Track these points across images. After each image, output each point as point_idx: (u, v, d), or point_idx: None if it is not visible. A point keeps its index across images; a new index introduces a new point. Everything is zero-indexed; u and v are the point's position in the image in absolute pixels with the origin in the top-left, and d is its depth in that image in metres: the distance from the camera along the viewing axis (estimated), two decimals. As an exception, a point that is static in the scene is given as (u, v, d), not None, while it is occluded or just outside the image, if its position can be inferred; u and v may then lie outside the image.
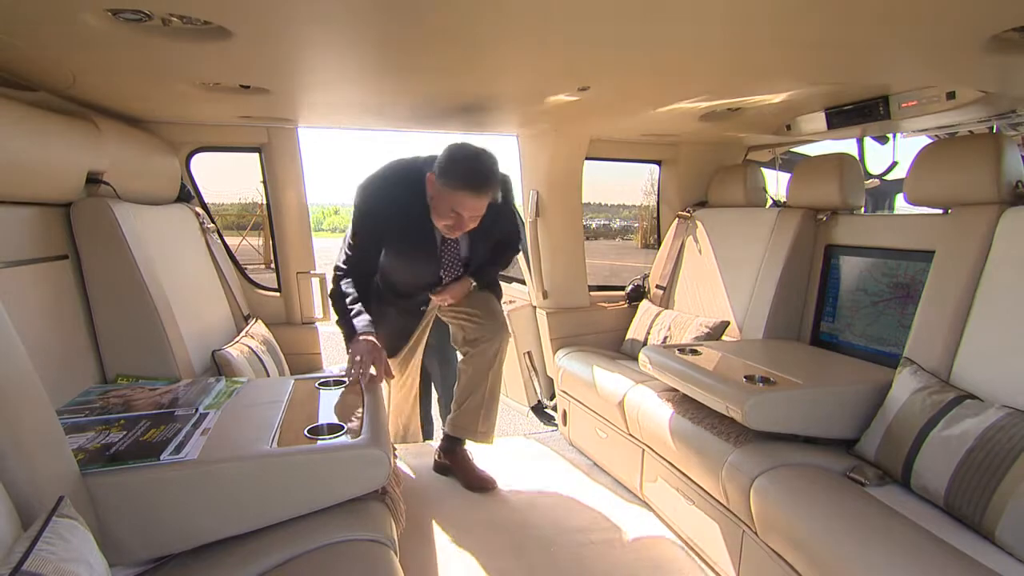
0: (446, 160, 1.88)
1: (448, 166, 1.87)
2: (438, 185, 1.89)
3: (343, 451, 1.22)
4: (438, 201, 1.92)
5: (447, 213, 1.91)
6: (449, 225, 1.94)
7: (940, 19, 1.13)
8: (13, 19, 1.12)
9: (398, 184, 2.00)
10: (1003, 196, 1.63)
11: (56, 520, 0.76)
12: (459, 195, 1.86)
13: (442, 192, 1.88)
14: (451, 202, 1.88)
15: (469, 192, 1.85)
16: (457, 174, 1.85)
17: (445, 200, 1.88)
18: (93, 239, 1.62)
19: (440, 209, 1.92)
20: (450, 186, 1.85)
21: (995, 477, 1.25)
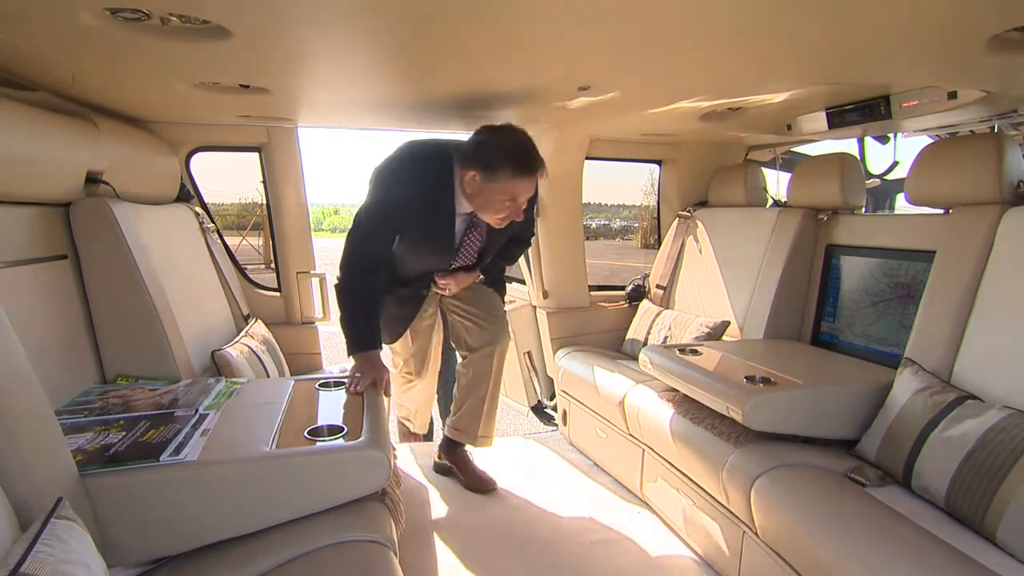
0: (489, 151, 1.77)
1: (495, 156, 1.75)
2: (482, 180, 1.77)
3: (343, 453, 1.22)
4: (486, 196, 1.79)
5: (501, 205, 1.80)
6: (504, 216, 1.84)
7: (941, 19, 1.13)
8: (13, 19, 1.12)
9: (423, 169, 1.85)
10: (1004, 196, 1.62)
11: (55, 521, 0.75)
12: (515, 182, 1.76)
13: (490, 185, 1.77)
14: (505, 191, 1.77)
15: (526, 175, 1.76)
16: (510, 161, 1.75)
17: (496, 192, 1.77)
18: (93, 239, 1.62)
19: (491, 203, 1.80)
20: (503, 176, 1.75)
21: (996, 478, 1.25)
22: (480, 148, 1.80)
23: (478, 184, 1.79)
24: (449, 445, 2.35)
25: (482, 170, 1.77)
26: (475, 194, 1.82)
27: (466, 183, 1.81)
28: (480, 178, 1.78)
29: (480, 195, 1.81)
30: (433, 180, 1.84)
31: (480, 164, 1.77)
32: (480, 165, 1.77)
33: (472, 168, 1.78)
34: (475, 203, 1.85)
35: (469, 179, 1.80)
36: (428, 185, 1.84)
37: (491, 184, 1.77)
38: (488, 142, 1.80)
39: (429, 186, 1.84)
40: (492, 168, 1.76)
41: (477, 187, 1.80)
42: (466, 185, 1.82)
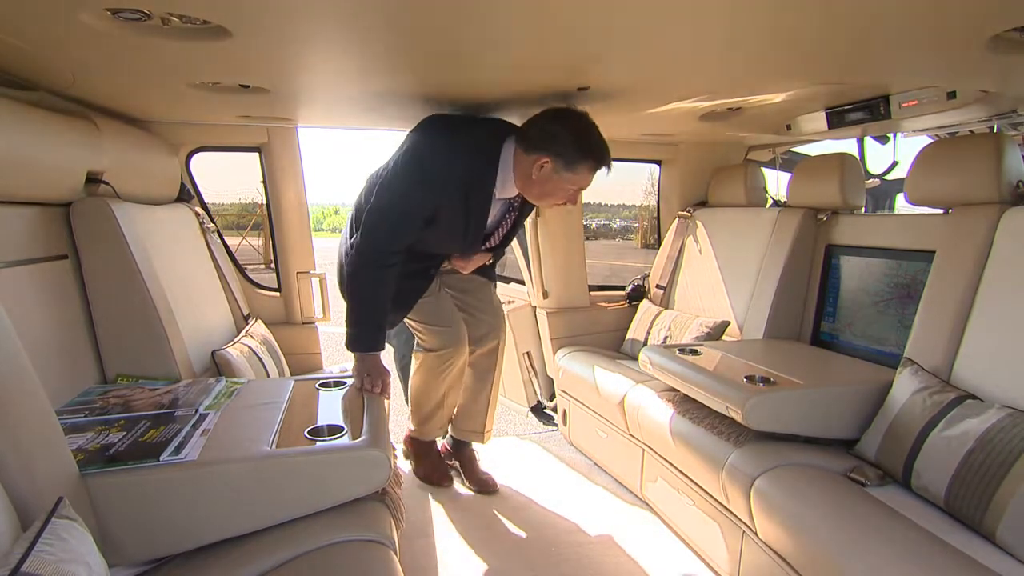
0: (570, 140, 1.69)
1: (577, 146, 1.69)
2: (557, 168, 1.70)
3: (343, 452, 1.22)
4: (556, 184, 1.73)
5: (566, 193, 1.77)
6: (559, 203, 1.82)
7: (941, 19, 1.13)
8: (13, 19, 1.12)
9: (472, 151, 1.74)
10: (1004, 196, 1.63)
11: (55, 521, 0.76)
12: (591, 174, 1.74)
13: (565, 175, 1.71)
14: (579, 182, 1.74)
15: (600, 167, 1.73)
16: (592, 154, 1.71)
17: (569, 181, 1.73)
18: (93, 239, 1.62)
19: (559, 191, 1.76)
20: (583, 168, 1.71)
21: (996, 478, 1.25)
22: (558, 136, 1.70)
23: (549, 171, 1.71)
24: (457, 446, 2.35)
25: (558, 158, 1.70)
26: (541, 181, 1.73)
27: (534, 169, 1.72)
28: (554, 166, 1.70)
29: (548, 182, 1.74)
30: (480, 163, 1.74)
31: (557, 152, 1.69)
32: (556, 153, 1.69)
33: (545, 155, 1.70)
34: (537, 189, 1.76)
35: (539, 165, 1.71)
36: (474, 169, 1.73)
37: (566, 173, 1.71)
38: (567, 131, 1.70)
39: (475, 170, 1.73)
40: (572, 159, 1.70)
41: (547, 175, 1.72)
42: (533, 171, 1.72)
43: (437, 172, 1.70)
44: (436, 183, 1.70)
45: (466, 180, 1.73)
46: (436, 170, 1.70)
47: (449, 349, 2.08)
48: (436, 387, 2.16)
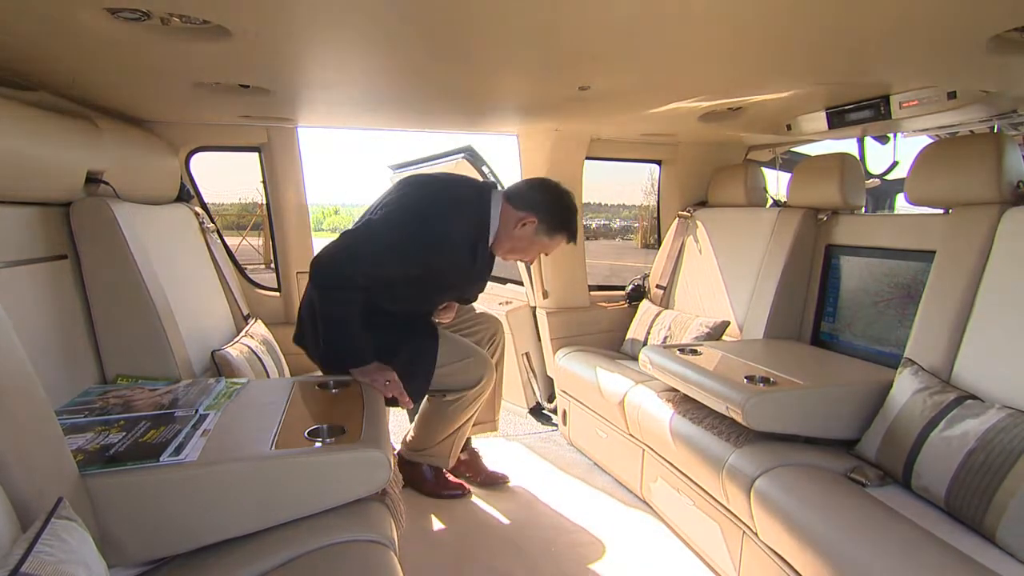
0: (558, 211, 1.86)
1: (559, 217, 1.86)
2: (539, 232, 1.85)
3: (343, 453, 1.22)
4: (531, 243, 1.88)
5: (535, 253, 1.93)
6: (526, 260, 1.97)
7: (941, 19, 1.13)
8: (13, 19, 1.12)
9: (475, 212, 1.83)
10: (1004, 196, 1.63)
11: (55, 521, 0.75)
12: (559, 243, 1.91)
13: (542, 239, 1.87)
14: (546, 247, 1.91)
15: (570, 241, 1.91)
16: (567, 225, 1.88)
17: (544, 245, 1.89)
18: (93, 239, 1.62)
19: (531, 249, 1.91)
20: (559, 237, 1.88)
21: (996, 478, 1.25)
22: (547, 204, 1.86)
23: (531, 231, 1.85)
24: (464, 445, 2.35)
25: (543, 223, 1.85)
26: (519, 236, 1.87)
27: (517, 227, 1.85)
28: (537, 228, 1.85)
29: (524, 240, 1.87)
30: (482, 218, 1.84)
31: (544, 218, 1.84)
32: (542, 219, 1.84)
33: (532, 217, 1.84)
34: (510, 243, 1.88)
35: (523, 223, 1.85)
36: (479, 225, 1.84)
37: (544, 238, 1.87)
38: (555, 202, 1.87)
39: (479, 226, 1.84)
40: (554, 227, 1.86)
41: (528, 233, 1.86)
42: (516, 227, 1.85)
43: (449, 234, 1.77)
44: (446, 245, 1.77)
45: (473, 236, 1.83)
46: (448, 232, 1.77)
47: (483, 374, 2.08)
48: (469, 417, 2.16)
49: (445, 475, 2.26)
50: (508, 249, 1.91)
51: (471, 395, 2.07)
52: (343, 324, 1.73)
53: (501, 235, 1.87)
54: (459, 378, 2.03)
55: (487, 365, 2.09)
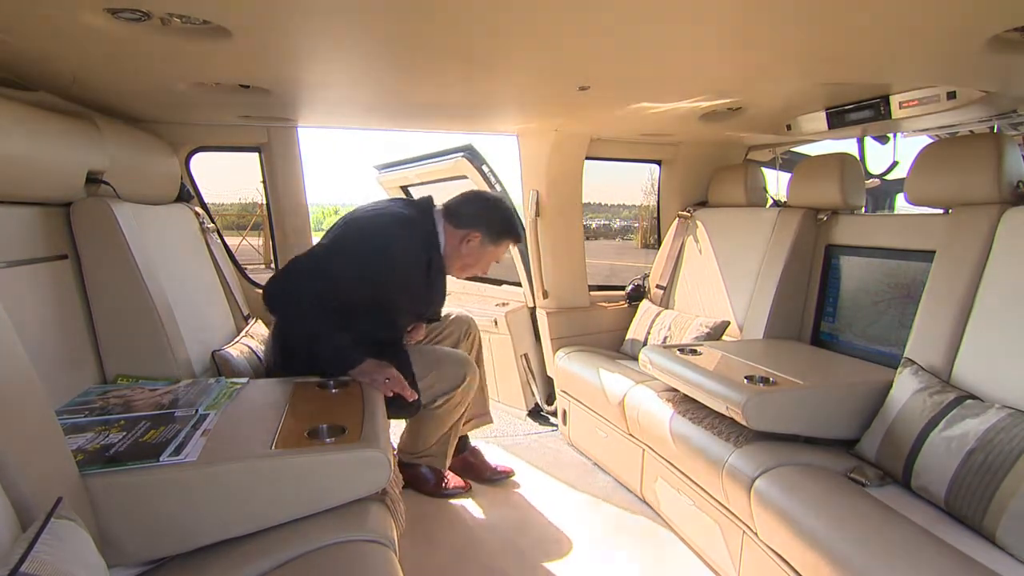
0: (496, 218, 1.93)
1: (498, 224, 1.93)
2: (484, 242, 1.92)
3: (343, 453, 1.22)
4: (480, 255, 1.95)
5: (486, 263, 1.98)
6: (478, 272, 2.01)
7: (940, 19, 1.13)
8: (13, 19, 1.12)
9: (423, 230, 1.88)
10: (1004, 196, 1.63)
11: (55, 521, 0.75)
12: (506, 247, 1.99)
13: (489, 248, 1.94)
14: (498, 254, 1.98)
15: (518, 243, 2.02)
16: (509, 229, 1.95)
17: (492, 254, 1.97)
18: (93, 239, 1.62)
19: (481, 261, 1.97)
20: (505, 241, 1.96)
21: (996, 478, 1.25)
22: (485, 215, 1.93)
23: (477, 244, 1.93)
24: (461, 444, 2.36)
25: (487, 234, 1.92)
26: (468, 253, 1.94)
27: (463, 244, 1.92)
28: (482, 241, 1.93)
29: (474, 254, 1.95)
30: (430, 234, 1.89)
31: (486, 229, 1.92)
32: (485, 230, 1.92)
33: (476, 231, 1.91)
34: (461, 261, 1.95)
35: (467, 241, 1.92)
36: (427, 241, 1.89)
37: (491, 247, 1.95)
38: (492, 210, 1.95)
39: (428, 242, 1.89)
40: (497, 235, 1.94)
41: (474, 247, 1.93)
42: (462, 245, 1.92)
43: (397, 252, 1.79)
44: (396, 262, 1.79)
45: (425, 257, 1.88)
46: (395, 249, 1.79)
47: (464, 372, 2.08)
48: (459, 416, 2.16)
49: (445, 474, 2.26)
50: (460, 267, 1.98)
51: (457, 396, 2.07)
52: (316, 336, 1.72)
53: (449, 254, 1.94)
54: (440, 385, 2.04)
55: (465, 363, 2.09)
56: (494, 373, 3.23)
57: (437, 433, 2.14)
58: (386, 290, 1.82)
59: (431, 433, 2.14)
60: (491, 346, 3.17)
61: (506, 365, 3.15)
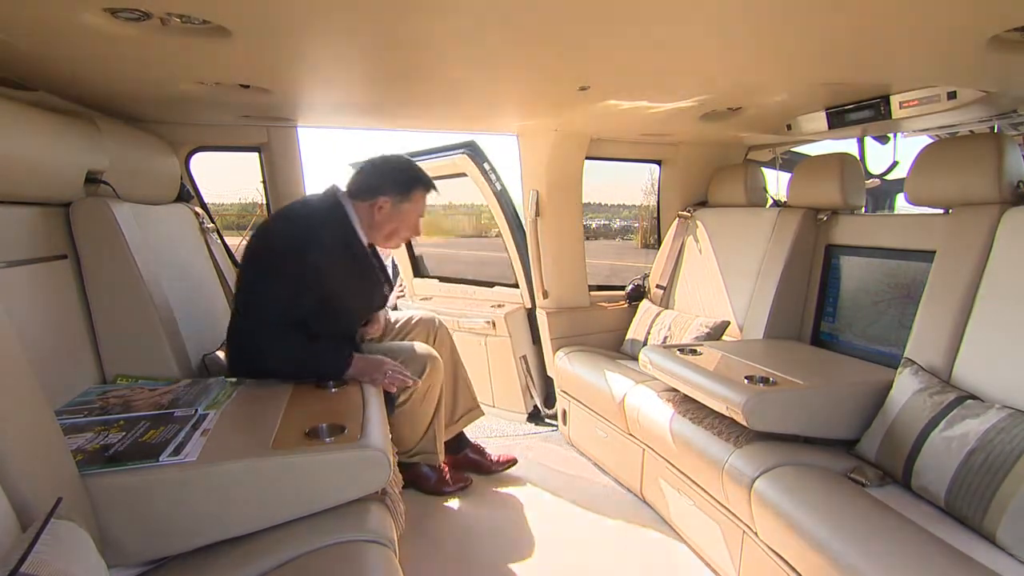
0: (395, 176, 1.84)
1: (402, 180, 1.83)
2: (395, 203, 1.82)
3: (342, 453, 1.22)
4: (400, 218, 1.84)
5: (411, 223, 1.88)
6: (406, 236, 1.93)
7: (941, 19, 1.13)
8: (13, 19, 1.12)
9: (331, 216, 1.79)
10: (1004, 196, 1.62)
11: (54, 522, 0.75)
12: (421, 199, 1.86)
13: (404, 206, 1.84)
14: (418, 208, 1.87)
15: (430, 190, 1.87)
16: (414, 179, 1.85)
17: (410, 211, 1.85)
18: (92, 239, 1.62)
19: (404, 223, 1.86)
20: (417, 193, 1.85)
21: (996, 478, 1.25)
22: (383, 176, 1.83)
23: (390, 210, 1.83)
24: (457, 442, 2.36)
25: (395, 194, 1.82)
26: (384, 221, 1.84)
27: (376, 214, 1.82)
28: (392, 203, 1.82)
29: (392, 219, 1.84)
30: (339, 219, 1.81)
31: (391, 189, 1.81)
32: (389, 191, 1.81)
33: (382, 196, 1.81)
34: (384, 230, 1.85)
35: (379, 209, 1.82)
36: (341, 225, 1.80)
37: (405, 204, 1.84)
38: (390, 171, 1.85)
39: (342, 226, 1.80)
40: (406, 191, 1.83)
41: (388, 213, 1.83)
42: (376, 215, 1.82)
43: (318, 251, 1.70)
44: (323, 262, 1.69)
45: (340, 237, 1.79)
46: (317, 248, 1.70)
47: (423, 364, 2.04)
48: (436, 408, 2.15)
49: (445, 470, 2.26)
50: (384, 237, 1.88)
51: (421, 387, 2.03)
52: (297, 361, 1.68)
53: (368, 229, 1.84)
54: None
55: (424, 356, 2.07)
56: (490, 378, 3.21)
57: (417, 429, 2.13)
58: (324, 291, 1.71)
59: (414, 431, 2.13)
60: (487, 349, 3.16)
61: (504, 368, 3.14)
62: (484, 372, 3.19)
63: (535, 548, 1.93)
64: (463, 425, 2.38)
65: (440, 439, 2.20)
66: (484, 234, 7.36)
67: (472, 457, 2.39)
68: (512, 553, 1.90)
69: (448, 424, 2.30)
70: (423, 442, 2.16)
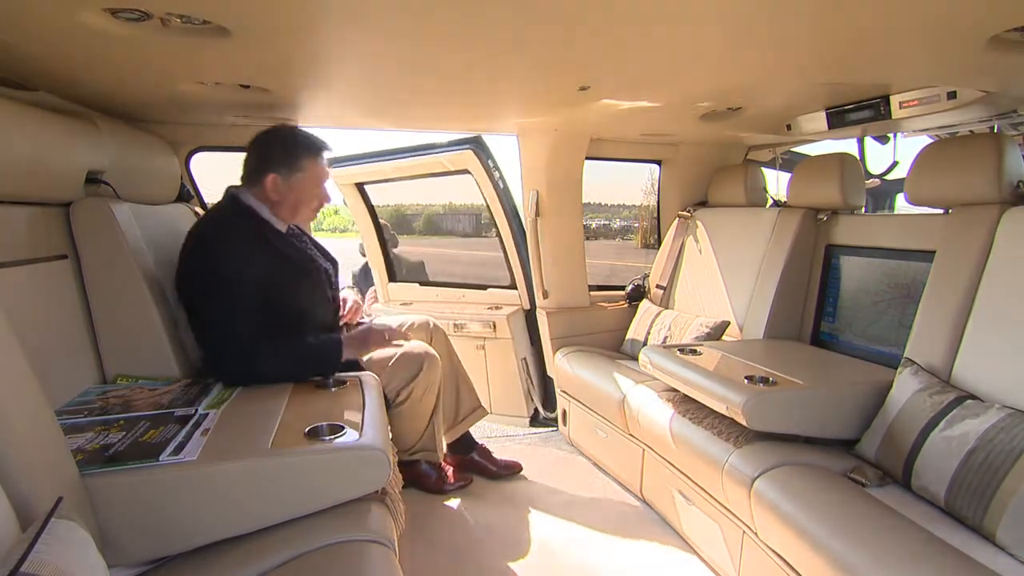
0: (275, 149, 1.75)
1: (285, 149, 1.74)
2: (286, 176, 1.73)
3: (342, 452, 1.22)
4: (297, 191, 1.76)
5: (313, 192, 1.79)
6: (317, 205, 1.83)
7: (941, 19, 1.13)
8: (13, 19, 1.12)
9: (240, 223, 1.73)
10: (1004, 196, 1.62)
11: (55, 521, 0.75)
12: (316, 162, 1.77)
13: (296, 175, 1.74)
14: (313, 175, 1.77)
15: (323, 151, 1.78)
16: (300, 147, 1.75)
17: (305, 180, 1.76)
18: (92, 239, 1.62)
19: (305, 194, 1.77)
20: (306, 159, 1.75)
21: (996, 478, 1.25)
22: (266, 154, 1.76)
23: (283, 182, 1.74)
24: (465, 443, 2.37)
25: (282, 167, 1.73)
26: (282, 196, 1.76)
27: (270, 193, 1.75)
28: (282, 177, 1.74)
29: (289, 193, 1.76)
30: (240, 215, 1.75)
31: (275, 165, 1.73)
32: (275, 166, 1.73)
33: (267, 174, 1.73)
34: (286, 206, 1.78)
35: (272, 187, 1.74)
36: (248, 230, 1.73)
37: (296, 175, 1.75)
38: (271, 145, 1.77)
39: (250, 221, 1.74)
40: (293, 161, 1.74)
41: (283, 185, 1.75)
42: (271, 195, 1.75)
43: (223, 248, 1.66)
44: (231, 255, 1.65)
45: (251, 231, 1.73)
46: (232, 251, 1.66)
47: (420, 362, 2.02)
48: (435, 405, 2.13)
49: (445, 468, 2.26)
50: (290, 212, 1.79)
51: (419, 386, 2.01)
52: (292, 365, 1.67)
53: (275, 209, 1.77)
54: (397, 380, 1.98)
55: (421, 355, 2.04)
56: (488, 383, 3.16)
57: (416, 428, 2.12)
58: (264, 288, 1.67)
59: (413, 429, 2.12)
60: (486, 353, 3.13)
61: (505, 372, 3.11)
62: (482, 378, 3.16)
63: (535, 548, 1.93)
64: (468, 425, 2.38)
65: (440, 436, 2.20)
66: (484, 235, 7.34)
67: (478, 460, 2.39)
68: (512, 553, 1.90)
69: (452, 425, 2.31)
70: (423, 440, 2.16)
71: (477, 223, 7.98)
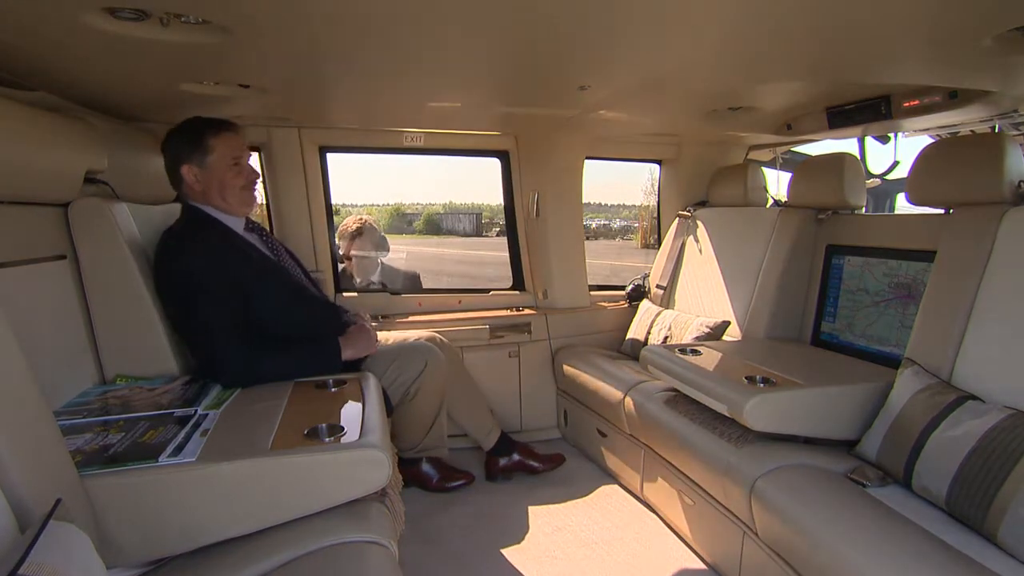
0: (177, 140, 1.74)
1: (185, 137, 1.73)
2: (199, 162, 1.72)
3: (342, 453, 1.22)
4: (215, 175, 1.72)
5: (234, 171, 1.74)
6: (245, 183, 1.78)
7: (941, 19, 1.12)
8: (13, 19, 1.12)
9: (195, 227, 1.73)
10: (1005, 196, 1.62)
11: (53, 522, 0.75)
12: (223, 139, 1.73)
13: (209, 159, 1.72)
14: (224, 154, 1.73)
15: (225, 128, 1.74)
16: (200, 130, 1.72)
17: (219, 161, 1.72)
18: (91, 239, 1.62)
19: (226, 176, 1.73)
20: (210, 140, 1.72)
21: (997, 479, 1.25)
22: (173, 148, 1.75)
23: (197, 171, 1.72)
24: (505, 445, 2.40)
25: (189, 157, 1.72)
26: (204, 183, 1.73)
27: (192, 186, 1.73)
28: (196, 165, 1.72)
29: (211, 179, 1.73)
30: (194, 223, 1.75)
31: (185, 156, 1.72)
32: (185, 157, 1.72)
33: (182, 166, 1.72)
34: (211, 193, 1.74)
35: (191, 179, 1.72)
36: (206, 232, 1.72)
37: (208, 157, 1.72)
38: (174, 140, 1.76)
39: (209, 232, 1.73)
40: (193, 146, 1.72)
41: (200, 174, 1.72)
42: (194, 184, 1.73)
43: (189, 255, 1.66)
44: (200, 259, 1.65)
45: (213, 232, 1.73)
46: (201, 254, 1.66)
47: (425, 359, 2.02)
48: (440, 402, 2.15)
49: (446, 467, 2.27)
50: (218, 196, 1.74)
51: (424, 383, 2.01)
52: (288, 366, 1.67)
53: (206, 197, 1.75)
54: (403, 377, 1.99)
55: (423, 351, 2.04)
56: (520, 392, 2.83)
57: (426, 424, 2.13)
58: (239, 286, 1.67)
59: (420, 426, 2.13)
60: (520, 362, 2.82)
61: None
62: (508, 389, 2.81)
63: (534, 548, 1.93)
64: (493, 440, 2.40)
65: (444, 430, 2.22)
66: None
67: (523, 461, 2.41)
68: (511, 554, 1.90)
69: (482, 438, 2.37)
70: (430, 436, 2.17)
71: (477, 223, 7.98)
